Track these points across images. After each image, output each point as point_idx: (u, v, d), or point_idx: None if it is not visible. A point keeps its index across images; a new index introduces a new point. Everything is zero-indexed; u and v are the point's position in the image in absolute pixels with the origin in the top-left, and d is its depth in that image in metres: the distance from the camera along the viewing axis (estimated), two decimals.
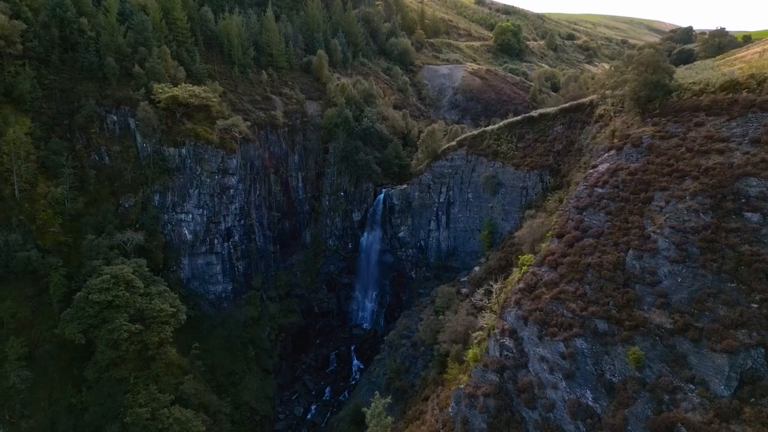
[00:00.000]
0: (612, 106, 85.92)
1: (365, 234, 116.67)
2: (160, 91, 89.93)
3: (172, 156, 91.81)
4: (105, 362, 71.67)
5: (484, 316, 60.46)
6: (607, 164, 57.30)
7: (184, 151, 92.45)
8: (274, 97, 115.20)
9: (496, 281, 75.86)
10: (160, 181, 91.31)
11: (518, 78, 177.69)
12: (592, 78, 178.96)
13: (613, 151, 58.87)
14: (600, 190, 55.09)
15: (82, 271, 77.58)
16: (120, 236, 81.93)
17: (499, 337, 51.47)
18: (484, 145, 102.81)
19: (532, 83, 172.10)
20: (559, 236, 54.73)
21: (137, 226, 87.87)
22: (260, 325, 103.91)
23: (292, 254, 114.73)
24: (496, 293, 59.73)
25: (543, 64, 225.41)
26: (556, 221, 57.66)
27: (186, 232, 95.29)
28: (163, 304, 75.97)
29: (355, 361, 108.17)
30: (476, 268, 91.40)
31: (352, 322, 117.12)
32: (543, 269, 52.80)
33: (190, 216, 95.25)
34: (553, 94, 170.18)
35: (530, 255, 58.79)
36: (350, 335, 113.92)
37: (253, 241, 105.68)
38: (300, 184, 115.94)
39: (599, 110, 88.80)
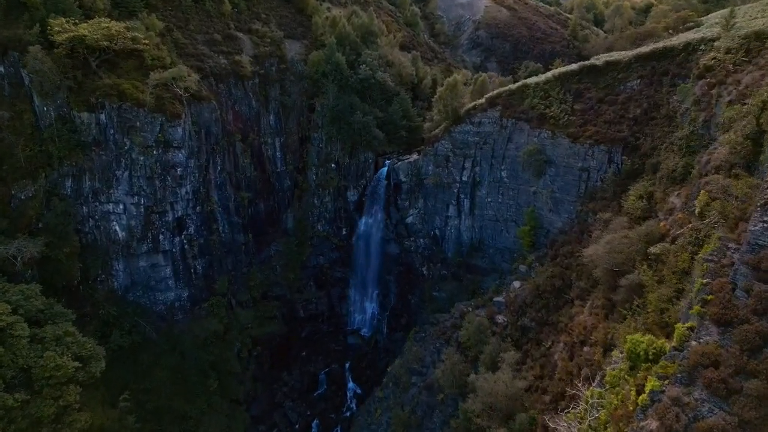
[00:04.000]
0: (727, 54, 57.79)
1: (363, 217, 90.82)
2: (59, 29, 61.26)
3: (86, 124, 64.55)
4: None
5: None
6: None
7: (103, 116, 64.98)
8: (240, 35, 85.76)
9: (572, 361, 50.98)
10: (71, 160, 64.57)
11: (552, 8, 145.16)
12: (644, 10, 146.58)
13: None
14: None
15: None
16: (3, 249, 56.19)
17: None
18: (526, 105, 74.88)
19: (569, 15, 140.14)
20: (721, 322, 28.90)
21: (39, 226, 62.23)
22: (227, 340, 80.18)
23: (269, 244, 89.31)
24: (586, 406, 34.41)
25: None
26: (702, 283, 31.50)
27: (117, 228, 69.66)
28: (62, 357, 51.32)
29: (351, 384, 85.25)
30: (515, 284, 66.05)
31: (348, 326, 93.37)
32: (696, 394, 27.37)
33: (121, 206, 69.19)
34: (596, 29, 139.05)
35: (649, 338, 33.16)
36: (344, 347, 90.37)
37: (214, 232, 79.98)
38: (278, 153, 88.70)
39: (705, 59, 60.42)
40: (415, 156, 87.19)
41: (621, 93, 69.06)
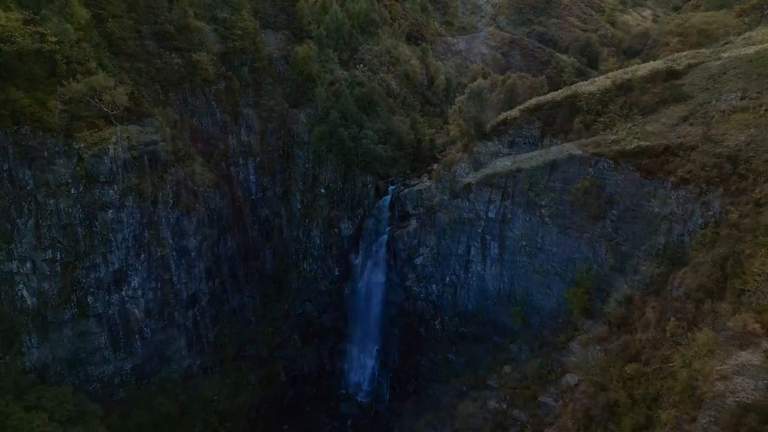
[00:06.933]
0: None
1: (360, 256, 72.56)
2: None
3: None
4: None
5: None
6: None
7: None
8: (201, 25, 66.34)
9: None
10: None
11: None
12: None
13: None
14: None
15: None
16: None
17: None
18: (577, 123, 56.05)
19: None
20: None
21: None
22: (185, 422, 62.58)
23: (241, 291, 71.16)
24: None
25: None
26: None
27: (25, 292, 51.43)
28: None
29: None
30: (569, 378, 48.07)
31: (342, 389, 75.56)
32: None
33: (29, 265, 50.91)
34: (636, 16, 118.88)
35: None
36: (337, 417, 72.57)
37: (167, 283, 61.86)
38: (251, 176, 70.04)
39: None
40: (426, 181, 68.75)
41: (714, 111, 50.23)
